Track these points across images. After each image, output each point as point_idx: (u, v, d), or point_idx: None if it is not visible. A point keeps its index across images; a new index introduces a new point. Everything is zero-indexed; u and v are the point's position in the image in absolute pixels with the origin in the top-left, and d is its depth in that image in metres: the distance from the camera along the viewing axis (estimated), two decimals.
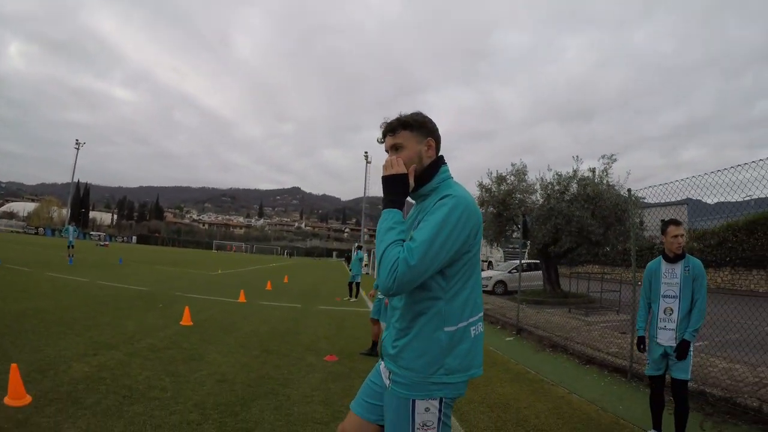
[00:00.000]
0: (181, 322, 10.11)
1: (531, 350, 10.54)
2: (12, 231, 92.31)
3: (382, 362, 2.49)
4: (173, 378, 6.13)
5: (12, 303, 10.89)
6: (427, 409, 2.22)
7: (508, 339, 11.92)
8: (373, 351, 8.52)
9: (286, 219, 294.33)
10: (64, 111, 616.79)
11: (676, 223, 5.14)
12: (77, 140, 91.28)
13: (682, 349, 4.85)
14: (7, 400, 4.80)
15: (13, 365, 4.96)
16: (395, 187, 2.31)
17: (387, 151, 2.49)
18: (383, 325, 8.38)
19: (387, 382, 2.37)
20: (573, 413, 6.07)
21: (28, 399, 4.89)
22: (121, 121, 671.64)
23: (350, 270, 21.64)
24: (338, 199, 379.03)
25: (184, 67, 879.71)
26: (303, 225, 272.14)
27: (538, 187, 22.25)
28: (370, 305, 9.33)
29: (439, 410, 2.23)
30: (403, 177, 2.32)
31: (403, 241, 2.16)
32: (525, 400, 6.51)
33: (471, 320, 2.28)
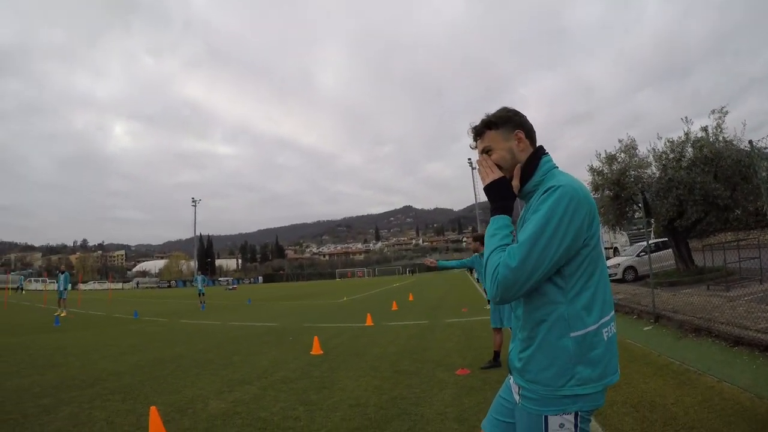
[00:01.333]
0: (311, 352, 10.22)
1: (672, 338, 9.82)
2: (147, 287, 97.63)
3: (511, 377, 2.29)
4: (306, 407, 6.16)
5: (151, 352, 11.44)
6: (561, 425, 2.00)
7: (646, 328, 11.21)
8: (496, 362, 8.21)
9: (402, 238, 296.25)
10: (176, 174, 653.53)
11: None
12: (193, 198, 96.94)
13: None
14: None
15: (153, 408, 5.17)
16: (497, 194, 2.22)
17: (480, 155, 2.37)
18: (507, 331, 8.18)
19: (516, 397, 2.18)
20: (725, 404, 5.54)
21: None
22: (228, 174, 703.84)
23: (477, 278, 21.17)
24: (451, 210, 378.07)
25: (277, 114, 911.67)
26: (420, 241, 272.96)
27: (651, 159, 20.88)
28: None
29: (575, 425, 2.00)
30: (503, 181, 2.22)
31: (507, 245, 2.03)
32: (671, 396, 6.02)
33: (602, 321, 2.03)
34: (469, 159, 72.78)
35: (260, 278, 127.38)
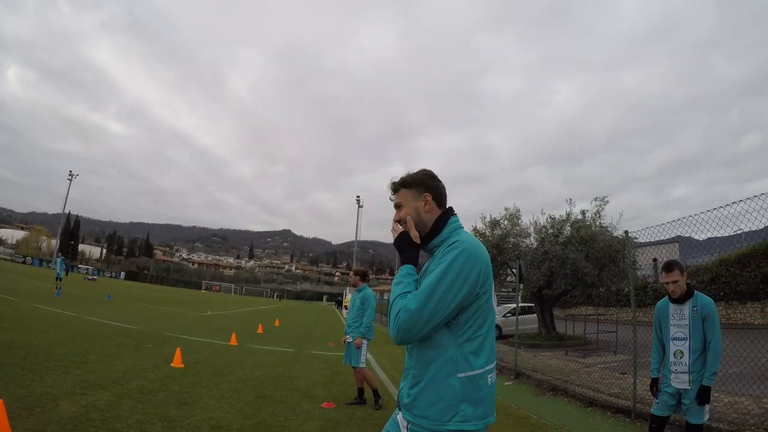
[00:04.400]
0: (172, 364, 9.80)
1: (531, 394, 10.41)
2: (1, 258, 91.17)
3: (400, 412, 2.42)
4: (165, 422, 5.85)
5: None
6: None
7: (506, 383, 11.73)
8: (361, 399, 8.30)
9: (276, 261, 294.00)
10: (59, 140, 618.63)
11: (668, 268, 4.93)
12: (71, 171, 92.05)
13: (703, 396, 4.65)
14: None
15: (0, 401, 4.70)
16: (402, 247, 2.47)
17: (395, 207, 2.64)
18: (363, 370, 8.28)
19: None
20: None
21: None
22: (114, 154, 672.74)
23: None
24: (329, 243, 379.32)
25: (178, 105, 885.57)
26: (293, 268, 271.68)
27: (531, 230, 22.40)
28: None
29: None
30: (403, 235, 2.48)
31: (410, 292, 2.25)
32: None
33: (487, 368, 2.24)
34: (358, 197, 73.60)
35: (122, 273, 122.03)
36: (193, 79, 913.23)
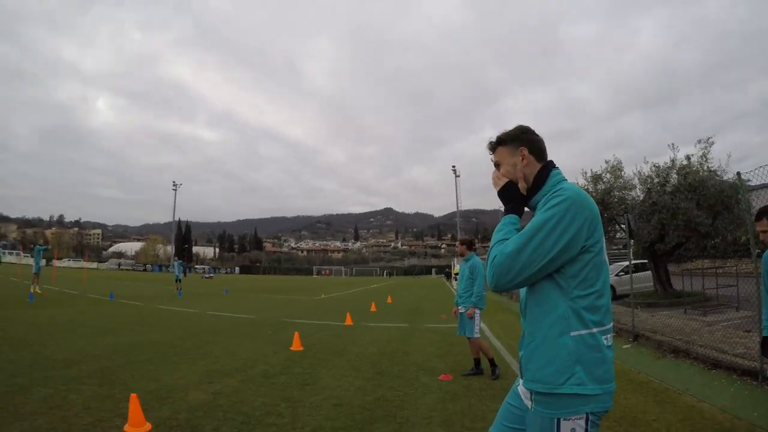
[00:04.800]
0: (291, 348, 10.11)
1: (651, 357, 9.88)
2: (122, 269, 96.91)
3: (521, 382, 2.30)
4: (289, 403, 6.06)
5: (127, 335, 11.30)
6: (573, 430, 2.03)
7: (625, 346, 11.23)
8: (477, 369, 8.18)
9: (382, 240, 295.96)
10: (158, 155, 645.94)
11: (757, 216, 4.49)
12: (174, 182, 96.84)
13: None
14: (127, 428, 4.90)
15: (133, 395, 5.06)
16: (507, 197, 2.41)
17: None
18: (478, 340, 8.17)
19: (528, 403, 2.18)
20: (705, 423, 5.55)
21: (148, 426, 4.97)
22: (210, 160, 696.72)
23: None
24: (431, 216, 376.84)
25: (262, 103, 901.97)
26: (399, 244, 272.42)
27: (636, 181, 21.06)
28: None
29: (586, 429, 2.04)
30: (510, 185, 2.42)
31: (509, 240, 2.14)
32: (652, 412, 6.02)
33: (603, 328, 2.11)
34: (453, 166, 72.82)
35: (237, 269, 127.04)
36: (270, 76, 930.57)
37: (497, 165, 2.50)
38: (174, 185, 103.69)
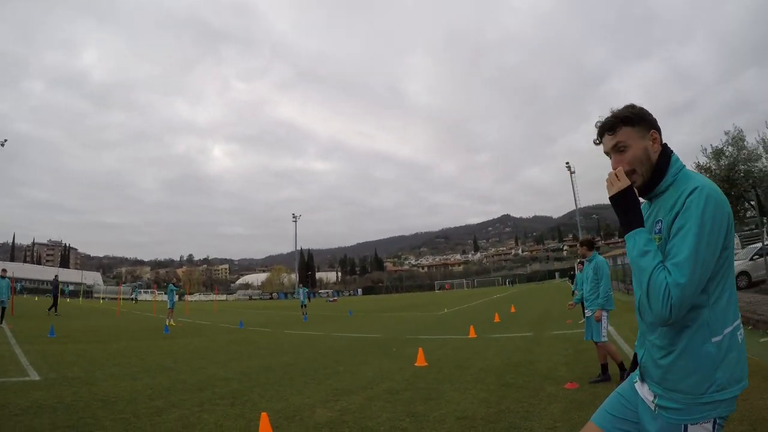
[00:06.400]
0: (415, 363, 10.15)
1: None
2: (253, 299, 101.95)
3: (637, 378, 2.25)
4: (413, 418, 6.10)
5: (257, 360, 11.76)
6: None
7: (762, 340, 10.49)
8: (605, 376, 7.87)
9: (501, 248, 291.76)
10: (277, 191, 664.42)
11: None
12: (293, 214, 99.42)
13: None
14: None
15: (264, 414, 5.34)
16: (626, 206, 2.14)
17: (607, 153, 2.30)
18: (605, 345, 7.89)
19: (651, 406, 2.10)
20: None
21: None
22: (327, 188, 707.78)
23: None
24: (550, 218, 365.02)
25: (369, 129, 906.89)
26: (520, 251, 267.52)
27: (761, 150, 19.41)
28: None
29: None
30: (629, 191, 2.15)
31: (662, 261, 1.97)
32: None
33: (735, 324, 1.98)
34: (567, 163, 70.56)
35: (359, 290, 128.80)
36: (373, 101, 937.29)
37: (618, 148, 2.22)
38: (294, 217, 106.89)
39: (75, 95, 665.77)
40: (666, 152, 2.19)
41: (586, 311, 8.14)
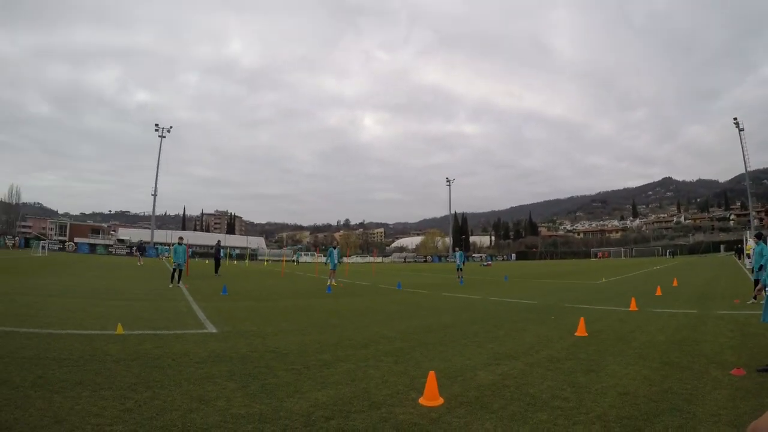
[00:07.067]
0: (576, 333, 10.21)
1: None
2: (405, 261, 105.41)
3: None
4: (574, 388, 6.23)
5: (417, 320, 12.39)
6: None
7: None
8: None
9: (662, 215, 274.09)
10: (428, 156, 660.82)
11: None
12: (447, 178, 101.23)
13: None
14: (421, 401, 5.56)
15: (431, 372, 5.73)
16: None
17: None
18: None
19: None
20: None
21: (441, 401, 5.56)
22: (478, 152, 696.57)
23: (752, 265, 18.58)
24: (716, 182, 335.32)
25: (517, 89, 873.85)
26: (682, 218, 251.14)
27: None
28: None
29: None
30: None
31: None
32: None
33: None
34: (735, 119, 64.56)
35: (513, 255, 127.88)
36: (520, 60, 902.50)
37: None
38: (447, 181, 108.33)
39: (228, 81, 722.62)
40: None
41: (767, 289, 7.62)
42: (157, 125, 79.60)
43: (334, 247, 27.64)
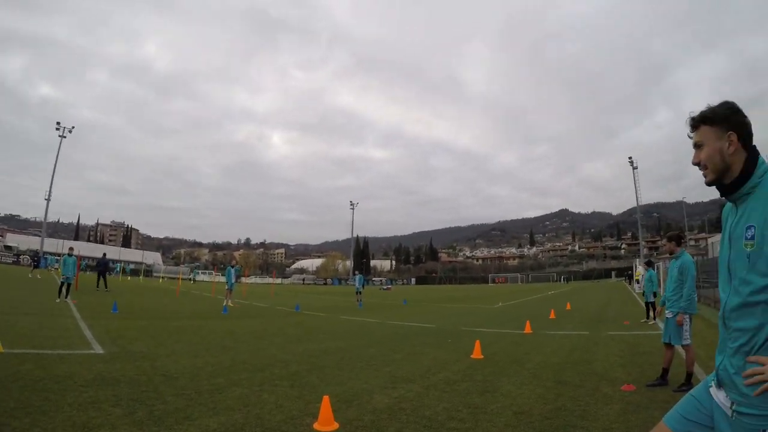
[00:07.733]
0: (472, 356, 10.20)
1: None
2: (304, 283, 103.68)
3: (713, 384, 2.23)
4: (470, 410, 6.16)
5: (314, 343, 12.04)
6: None
7: None
8: (663, 380, 7.74)
9: (558, 243, 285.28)
10: (334, 178, 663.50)
11: None
12: (351, 201, 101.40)
13: None
14: (316, 426, 5.32)
15: (326, 397, 5.49)
16: None
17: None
18: (678, 348, 7.83)
19: (729, 411, 2.09)
20: None
21: (336, 425, 5.34)
22: (384, 177, 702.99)
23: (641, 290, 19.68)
24: (609, 214, 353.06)
25: (427, 117, 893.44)
26: (576, 247, 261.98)
27: None
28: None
29: None
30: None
31: None
32: None
33: None
34: (630, 157, 68.83)
35: (413, 280, 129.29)
36: (432, 90, 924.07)
37: (697, 146, 2.30)
38: (351, 204, 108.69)
39: (138, 84, 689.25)
40: (753, 154, 2.19)
41: (666, 312, 7.97)
42: (58, 123, 74.93)
43: (233, 266, 27.00)
